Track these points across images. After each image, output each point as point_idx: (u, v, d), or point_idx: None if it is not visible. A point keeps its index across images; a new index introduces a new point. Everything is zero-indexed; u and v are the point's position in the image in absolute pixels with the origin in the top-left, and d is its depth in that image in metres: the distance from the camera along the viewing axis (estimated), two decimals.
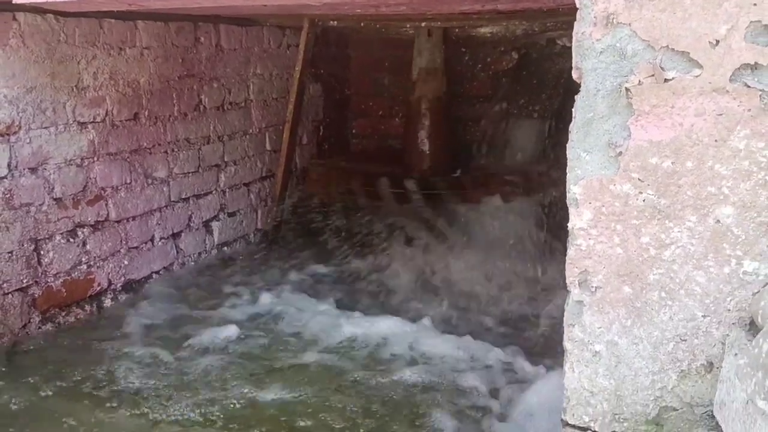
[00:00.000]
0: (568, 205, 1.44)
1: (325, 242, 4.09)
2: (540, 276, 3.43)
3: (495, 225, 3.67)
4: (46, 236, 2.74)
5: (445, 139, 4.35)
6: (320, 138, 4.83)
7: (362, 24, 3.94)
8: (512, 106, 4.59)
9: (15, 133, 2.58)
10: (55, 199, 2.77)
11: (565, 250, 1.49)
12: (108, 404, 2.28)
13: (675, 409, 1.42)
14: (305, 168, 4.63)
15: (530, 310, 3.14)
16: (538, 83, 4.47)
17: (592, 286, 1.44)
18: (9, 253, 2.58)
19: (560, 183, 1.47)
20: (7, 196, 2.56)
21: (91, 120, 2.93)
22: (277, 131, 4.19)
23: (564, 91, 4.10)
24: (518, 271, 3.47)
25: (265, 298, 3.22)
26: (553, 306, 2.94)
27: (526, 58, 4.59)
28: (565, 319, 1.51)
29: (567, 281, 1.48)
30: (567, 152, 1.43)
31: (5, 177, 2.55)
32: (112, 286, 3.10)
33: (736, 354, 1.24)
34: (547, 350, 2.65)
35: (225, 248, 3.91)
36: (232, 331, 2.85)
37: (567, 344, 1.52)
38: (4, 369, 2.48)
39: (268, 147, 4.20)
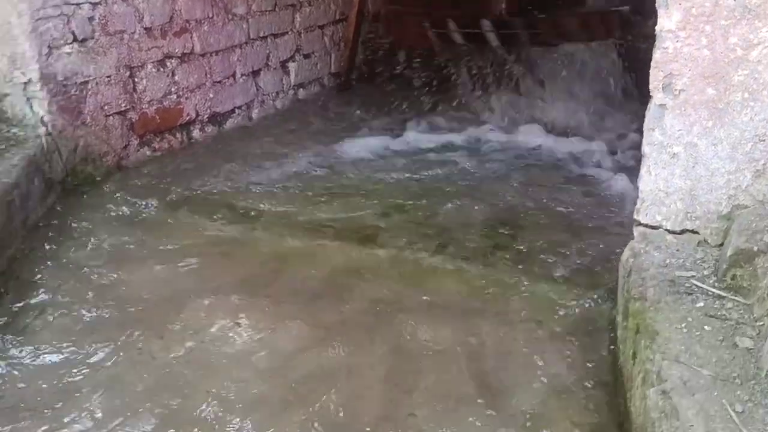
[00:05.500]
0: (657, 8, 1.47)
1: (396, 87, 4.15)
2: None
3: (573, 67, 3.64)
4: (139, 64, 2.88)
5: None
6: None
7: None
8: None
9: None
10: (145, 29, 2.89)
11: (641, 93, 1.52)
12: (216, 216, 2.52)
13: (746, 207, 1.49)
14: (377, 12, 4.60)
15: None
16: None
17: (676, 89, 1.49)
18: (107, 77, 2.73)
19: (635, 23, 1.48)
20: (103, 21, 2.68)
21: None
22: None
23: None
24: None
25: None
26: None
27: None
28: (645, 123, 1.57)
29: (650, 86, 1.53)
30: None
31: (100, 3, 2.66)
32: (200, 117, 3.26)
33: None
34: None
35: (301, 89, 4.01)
36: None
37: (645, 148, 1.59)
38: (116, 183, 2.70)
39: None
